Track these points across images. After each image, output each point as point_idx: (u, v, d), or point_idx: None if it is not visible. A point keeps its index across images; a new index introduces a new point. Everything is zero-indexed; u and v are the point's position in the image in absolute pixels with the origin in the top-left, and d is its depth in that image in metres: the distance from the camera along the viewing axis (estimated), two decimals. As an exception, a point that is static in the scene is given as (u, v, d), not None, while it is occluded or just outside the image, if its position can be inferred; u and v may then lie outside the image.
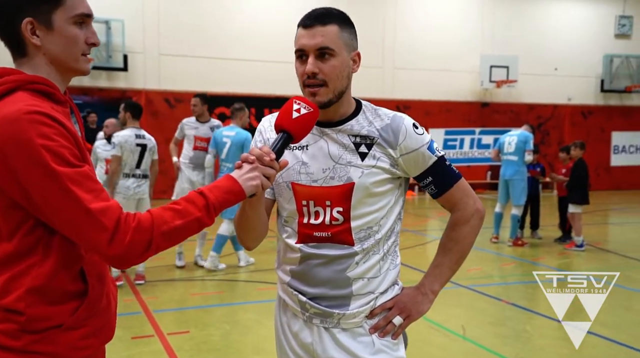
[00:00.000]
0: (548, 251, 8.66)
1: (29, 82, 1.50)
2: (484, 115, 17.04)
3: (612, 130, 18.36)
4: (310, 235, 1.86)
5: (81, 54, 1.57)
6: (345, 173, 1.82)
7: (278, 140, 1.70)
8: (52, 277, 1.49)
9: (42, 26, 1.51)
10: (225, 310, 5.75)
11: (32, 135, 1.38)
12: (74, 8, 1.53)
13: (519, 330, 5.17)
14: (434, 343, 4.69)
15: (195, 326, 5.17)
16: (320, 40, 1.76)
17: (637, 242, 9.58)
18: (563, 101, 17.83)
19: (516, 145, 8.81)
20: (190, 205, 1.51)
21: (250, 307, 5.86)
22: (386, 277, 1.90)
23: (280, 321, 2.00)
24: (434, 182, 1.89)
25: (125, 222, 1.44)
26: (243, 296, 6.23)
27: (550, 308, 5.84)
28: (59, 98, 1.55)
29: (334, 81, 1.78)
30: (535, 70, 17.15)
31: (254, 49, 14.81)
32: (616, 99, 18.49)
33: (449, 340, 4.79)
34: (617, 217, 13.27)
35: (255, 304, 5.94)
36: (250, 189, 1.60)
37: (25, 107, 1.41)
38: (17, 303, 1.47)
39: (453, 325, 5.04)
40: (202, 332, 5.02)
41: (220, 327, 5.18)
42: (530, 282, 7.18)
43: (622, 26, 18.21)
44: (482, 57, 16.45)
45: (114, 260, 1.45)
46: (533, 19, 17.37)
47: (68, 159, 1.42)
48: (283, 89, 14.92)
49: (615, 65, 18.07)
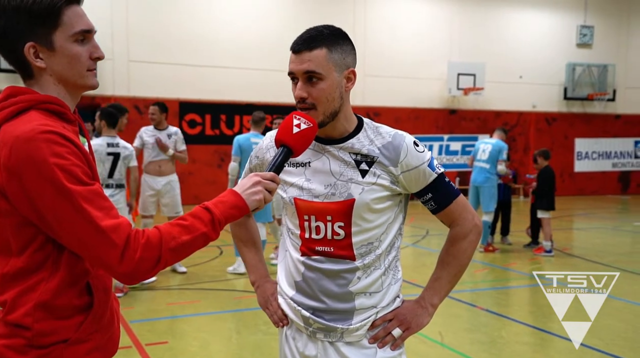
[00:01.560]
0: (519, 257, 8.82)
1: (42, 102, 1.51)
2: (452, 122, 17.28)
3: (575, 137, 18.82)
4: (313, 249, 1.90)
5: (86, 69, 1.57)
6: (346, 189, 1.85)
7: (279, 155, 1.73)
8: (59, 292, 1.50)
9: (44, 48, 1.51)
10: (202, 319, 5.70)
11: (46, 154, 1.40)
12: (73, 26, 1.53)
13: (494, 336, 5.25)
14: (413, 351, 4.73)
15: (174, 336, 5.12)
16: (306, 66, 1.79)
17: (602, 247, 9.82)
18: (528, 108, 18.22)
19: (490, 153, 8.93)
20: (196, 221, 1.53)
21: (227, 316, 5.83)
22: (388, 292, 1.94)
23: (285, 334, 2.03)
24: (434, 199, 1.93)
25: (135, 239, 1.45)
26: (220, 305, 6.19)
27: (523, 315, 5.99)
28: (69, 117, 1.56)
29: (323, 104, 1.82)
30: (502, 78, 17.49)
31: (225, 56, 14.78)
32: (579, 107, 18.96)
33: (427, 347, 4.84)
34: (581, 222, 13.58)
35: (233, 313, 5.91)
36: (253, 204, 1.63)
37: (38, 126, 1.43)
38: (24, 318, 1.48)
39: (430, 332, 5.09)
40: (181, 342, 4.97)
41: (198, 336, 5.13)
42: (502, 288, 7.31)
43: (583, 36, 18.70)
44: (449, 64, 16.70)
45: (124, 276, 1.46)
46: (499, 28, 17.72)
47: (80, 177, 1.43)
48: (254, 96, 14.92)
49: (578, 74, 18.56)
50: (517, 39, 17.90)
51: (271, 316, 2.07)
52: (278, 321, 2.04)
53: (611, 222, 13.26)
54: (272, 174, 1.68)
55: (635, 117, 19.48)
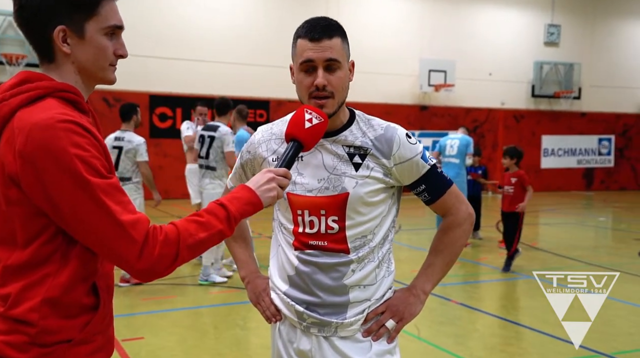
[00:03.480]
0: (489, 251, 8.98)
1: (59, 90, 1.47)
2: (423, 118, 17.45)
3: (542, 134, 19.18)
4: (307, 244, 1.91)
5: (109, 64, 1.56)
6: (340, 183, 1.86)
7: (289, 150, 1.73)
8: (68, 288, 1.45)
9: (74, 35, 1.49)
10: (178, 314, 5.68)
11: (65, 144, 1.36)
12: (107, 19, 1.52)
13: (469, 329, 5.35)
14: (391, 344, 4.80)
15: (150, 332, 5.09)
16: (328, 53, 1.80)
17: (569, 241, 10.07)
18: (497, 105, 18.49)
19: (458, 148, 9.09)
20: (212, 218, 1.52)
21: (204, 311, 5.81)
22: (382, 284, 1.95)
23: (279, 329, 2.02)
24: (427, 190, 1.96)
25: (154, 236, 1.43)
26: (195, 300, 6.17)
27: (496, 308, 6.11)
28: (84, 107, 1.53)
29: (339, 92, 1.84)
30: (472, 75, 17.70)
31: (196, 48, 14.65)
32: (546, 104, 19.32)
33: (405, 340, 4.91)
34: (548, 217, 13.87)
35: (209, 308, 5.90)
36: (267, 201, 1.62)
37: (58, 115, 1.39)
38: (29, 314, 1.42)
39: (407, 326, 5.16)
40: (157, 338, 4.94)
41: (175, 332, 5.11)
42: (474, 281, 7.44)
43: (550, 34, 19.05)
44: (421, 61, 16.85)
45: (142, 273, 1.43)
46: (469, 26, 17.93)
47: (99, 169, 1.40)
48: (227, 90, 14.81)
49: (545, 72, 18.91)
50: (487, 37, 18.14)
51: (263, 312, 2.06)
52: (271, 317, 2.03)
53: (576, 218, 13.59)
54: (285, 170, 1.68)
55: (600, 115, 19.95)
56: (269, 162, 1.95)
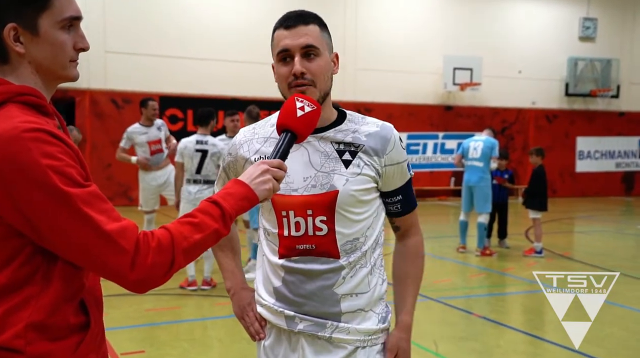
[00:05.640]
0: (516, 261, 8.84)
1: (18, 94, 1.41)
2: (447, 119, 17.33)
3: (577, 135, 18.93)
4: (293, 248, 1.87)
5: (69, 60, 1.50)
6: (328, 181, 1.83)
7: (282, 141, 1.69)
8: (53, 310, 1.41)
9: (27, 32, 1.43)
10: (182, 327, 5.68)
11: (35, 155, 1.30)
12: (62, 11, 1.46)
13: (491, 345, 5.26)
14: (405, 361, 4.73)
15: (151, 345, 5.09)
16: (304, 40, 1.79)
17: (604, 251, 9.89)
18: (527, 105, 18.29)
19: (482, 151, 8.99)
20: (206, 217, 1.47)
21: (208, 324, 5.80)
22: (375, 292, 1.93)
23: (264, 345, 1.99)
24: (401, 201, 1.97)
25: (145, 243, 1.38)
26: (200, 312, 6.16)
27: (521, 322, 6.01)
28: (47, 110, 1.47)
29: (321, 81, 1.82)
30: (500, 73, 17.54)
31: (208, 48, 14.73)
32: (581, 103, 19.07)
33: (421, 357, 4.84)
34: (583, 225, 13.66)
35: (214, 320, 5.89)
36: (263, 194, 1.59)
37: (22, 124, 1.33)
38: (15, 340, 1.37)
39: (424, 341, 5.10)
40: (159, 352, 4.94)
41: (177, 345, 5.10)
42: (499, 294, 7.33)
43: (586, 28, 18.81)
44: (445, 58, 16.73)
45: (136, 284, 1.39)
46: (497, 20, 17.78)
47: (76, 178, 1.35)
48: (239, 90, 14.86)
49: (580, 69, 18.66)
50: (517, 31, 17.97)
51: (247, 328, 2.03)
52: (255, 334, 2.00)
53: (614, 225, 13.36)
54: (279, 161, 1.64)
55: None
56: (251, 162, 1.92)
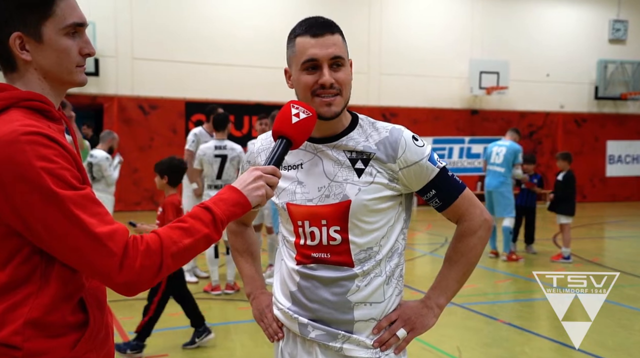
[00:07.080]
0: (543, 266, 8.72)
1: (23, 99, 1.47)
2: (473, 123, 17.20)
3: (607, 139, 18.64)
4: (309, 256, 1.89)
5: (75, 65, 1.54)
6: (341, 191, 1.84)
7: (277, 147, 1.71)
8: (51, 308, 1.46)
9: (32, 40, 1.48)
10: (205, 331, 5.69)
11: (30, 157, 1.35)
12: (65, 18, 1.50)
13: (516, 352, 5.20)
14: (428, 366, 4.71)
15: (174, 349, 5.13)
16: (333, 50, 1.80)
17: (634, 256, 9.71)
18: (555, 109, 18.08)
19: (504, 156, 8.91)
20: (197, 222, 1.50)
21: (231, 328, 5.83)
22: (390, 303, 1.91)
23: (281, 349, 2.02)
24: (437, 195, 1.92)
25: (134, 246, 1.42)
26: (223, 316, 6.19)
27: (548, 329, 5.92)
28: (54, 115, 1.53)
29: (346, 90, 1.84)
30: (527, 77, 17.37)
31: (233, 54, 14.85)
32: (611, 107, 18.78)
33: (444, 362, 4.81)
34: (613, 230, 13.43)
35: (237, 325, 5.91)
36: (255, 200, 1.61)
37: (21, 127, 1.39)
38: (13, 337, 1.42)
39: (447, 347, 5.06)
40: (182, 356, 4.97)
41: (200, 349, 5.13)
42: (525, 300, 7.24)
43: (616, 30, 18.53)
44: (471, 62, 16.63)
45: (124, 287, 1.43)
46: (524, 23, 17.61)
47: (70, 181, 1.40)
48: (263, 95, 14.92)
49: (610, 71, 18.38)
50: (544, 34, 17.76)
51: (265, 330, 2.06)
52: (273, 334, 2.03)
53: (645, 231, 13.11)
54: (273, 168, 1.66)
55: (672, 118, 19.27)
56: None
